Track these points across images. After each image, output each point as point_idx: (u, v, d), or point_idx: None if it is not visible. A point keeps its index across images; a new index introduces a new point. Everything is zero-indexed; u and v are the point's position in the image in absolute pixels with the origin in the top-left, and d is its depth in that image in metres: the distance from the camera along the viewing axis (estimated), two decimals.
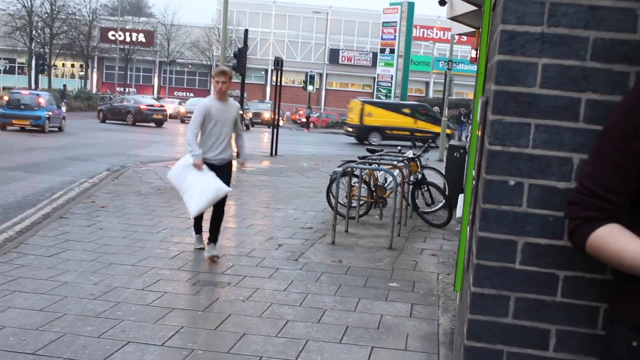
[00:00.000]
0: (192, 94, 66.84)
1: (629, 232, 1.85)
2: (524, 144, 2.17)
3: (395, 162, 10.86)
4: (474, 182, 3.10)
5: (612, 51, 2.10)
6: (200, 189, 7.31)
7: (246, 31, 20.54)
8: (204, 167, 7.40)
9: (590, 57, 2.12)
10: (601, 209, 1.89)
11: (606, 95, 2.11)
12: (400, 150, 12.90)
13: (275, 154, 22.38)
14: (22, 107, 27.49)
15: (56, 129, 28.64)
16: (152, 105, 39.45)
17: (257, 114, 48.76)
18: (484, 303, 2.25)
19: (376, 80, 55.82)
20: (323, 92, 72.92)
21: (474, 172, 3.24)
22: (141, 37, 69.35)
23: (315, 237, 9.19)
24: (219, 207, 7.69)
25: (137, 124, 38.09)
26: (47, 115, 27.50)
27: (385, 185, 11.23)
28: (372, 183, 10.94)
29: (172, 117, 45.60)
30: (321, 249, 8.47)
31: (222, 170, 7.59)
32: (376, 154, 11.85)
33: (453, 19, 10.15)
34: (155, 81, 74.69)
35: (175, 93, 70.97)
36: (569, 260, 2.17)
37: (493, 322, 2.25)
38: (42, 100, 27.97)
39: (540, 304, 2.22)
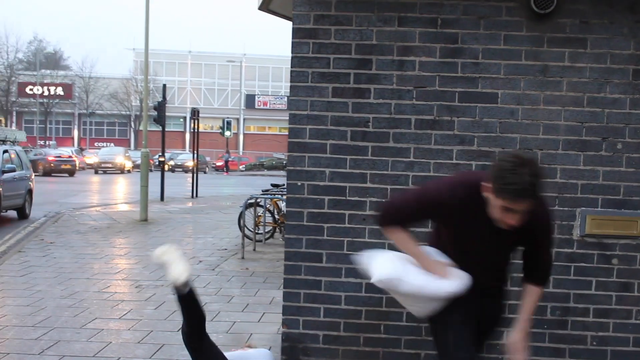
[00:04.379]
0: (112, 144, 68.20)
1: (410, 236, 3.40)
2: (303, 165, 4.65)
3: None
4: None
5: (340, 121, 4.61)
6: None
7: (164, 86, 22.80)
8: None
9: (330, 124, 4.63)
10: (403, 223, 3.39)
11: (339, 141, 4.61)
12: None
13: (196, 195, 24.67)
14: None
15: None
16: (60, 157, 42.23)
17: None
18: (290, 241, 4.70)
19: None
20: (241, 137, 75.42)
21: None
22: (59, 91, 70.44)
23: (228, 254, 11.57)
24: None
25: (52, 174, 40.41)
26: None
27: None
28: (275, 211, 13.39)
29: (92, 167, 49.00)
30: (233, 262, 10.85)
31: None
32: (279, 187, 14.33)
33: None
34: (75, 133, 75.80)
35: (95, 144, 72.16)
36: (328, 218, 4.63)
37: (295, 251, 4.69)
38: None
39: (317, 240, 4.68)
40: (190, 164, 49.49)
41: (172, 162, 49.35)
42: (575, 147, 4.58)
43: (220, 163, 57.28)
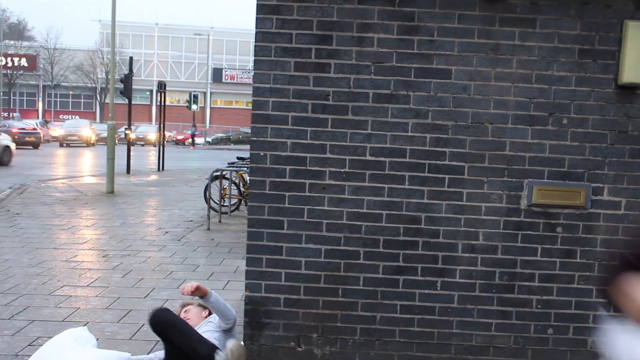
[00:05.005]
0: (77, 117, 67.52)
1: None
2: (266, 136, 4.86)
3: None
4: None
5: (301, 94, 4.81)
6: None
7: (131, 58, 22.71)
8: None
9: (291, 97, 4.83)
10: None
11: (300, 113, 4.82)
12: None
13: (162, 169, 24.74)
14: None
15: None
16: (24, 129, 41.61)
17: None
18: (253, 209, 4.92)
19: None
20: (208, 111, 75.15)
21: None
22: (24, 62, 69.52)
23: (195, 226, 11.76)
24: None
25: (17, 147, 40.04)
26: None
27: None
28: (241, 184, 13.59)
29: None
30: (199, 233, 11.05)
31: None
32: (244, 160, 14.51)
33: None
34: (40, 105, 74.86)
35: (60, 116, 71.37)
36: (289, 187, 4.85)
37: (258, 218, 4.92)
38: None
39: (279, 208, 4.90)
40: (151, 137, 49.68)
41: (132, 135, 49.31)
42: (523, 121, 4.84)
43: (180, 137, 57.68)
